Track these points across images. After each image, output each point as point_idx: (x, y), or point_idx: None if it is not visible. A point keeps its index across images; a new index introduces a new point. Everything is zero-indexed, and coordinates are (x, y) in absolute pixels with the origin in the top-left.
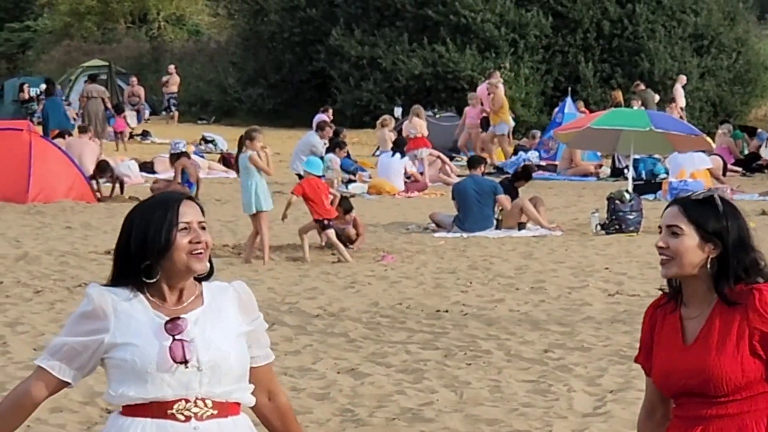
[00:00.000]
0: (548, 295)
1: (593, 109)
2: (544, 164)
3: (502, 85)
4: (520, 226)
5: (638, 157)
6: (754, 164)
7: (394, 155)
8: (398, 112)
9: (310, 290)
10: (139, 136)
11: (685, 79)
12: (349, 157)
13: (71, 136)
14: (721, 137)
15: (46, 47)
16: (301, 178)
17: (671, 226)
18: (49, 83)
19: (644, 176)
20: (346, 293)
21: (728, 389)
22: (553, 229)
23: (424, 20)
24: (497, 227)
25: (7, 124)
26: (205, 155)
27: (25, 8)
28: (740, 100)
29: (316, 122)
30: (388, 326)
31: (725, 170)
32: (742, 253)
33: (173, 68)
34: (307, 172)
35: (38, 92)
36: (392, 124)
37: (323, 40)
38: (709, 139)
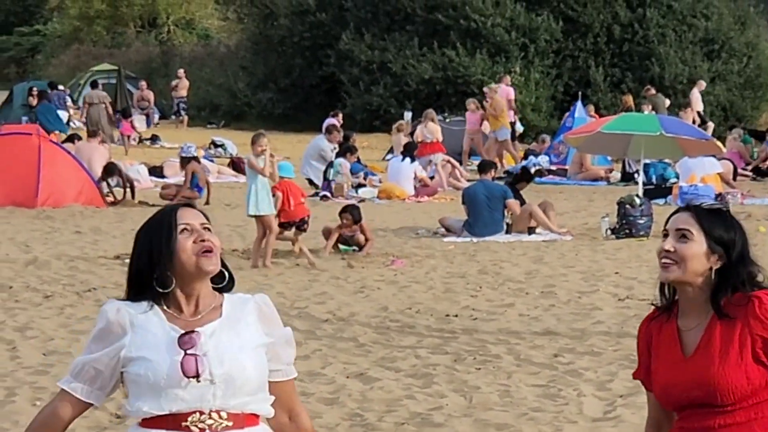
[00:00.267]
0: (558, 299)
1: (603, 113)
2: (554, 169)
3: (512, 87)
4: (530, 230)
5: (649, 161)
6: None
7: (404, 160)
8: (408, 116)
9: (319, 295)
10: (148, 140)
11: (704, 84)
12: (359, 161)
13: (80, 140)
14: (731, 142)
15: (55, 51)
16: (311, 182)
17: (682, 229)
18: (44, 90)
19: (654, 181)
20: (355, 298)
21: (735, 398)
22: (563, 233)
23: (434, 24)
24: (507, 232)
25: (16, 128)
26: (214, 159)
27: (34, 12)
28: (751, 104)
29: (325, 126)
30: (397, 331)
31: (735, 175)
32: (742, 266)
33: (182, 72)
34: (282, 177)
35: (67, 98)
36: (408, 128)
37: (333, 44)
38: (719, 143)
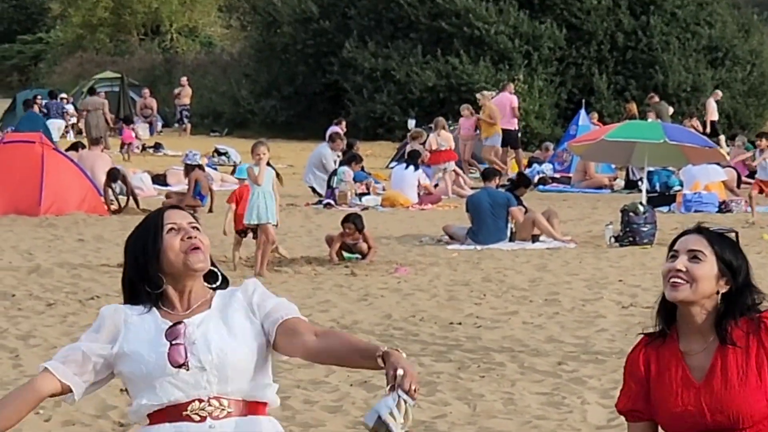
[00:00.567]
0: (562, 307)
1: (607, 121)
2: (558, 176)
3: (515, 95)
4: (533, 238)
5: (652, 169)
6: None
7: (407, 167)
8: (411, 124)
9: (323, 303)
10: (151, 148)
11: (720, 94)
12: (363, 170)
13: (84, 148)
14: (735, 149)
15: (58, 59)
16: (314, 191)
17: (695, 250)
18: (29, 99)
19: (658, 188)
20: (359, 306)
21: (753, 421)
22: (566, 241)
23: (437, 32)
24: (511, 239)
25: (19, 136)
26: (217, 167)
27: (37, 20)
28: (754, 112)
29: (328, 134)
30: (401, 338)
31: (740, 182)
32: (747, 291)
33: (186, 80)
34: (239, 179)
35: (64, 107)
36: (424, 137)
37: (336, 52)
38: (723, 151)
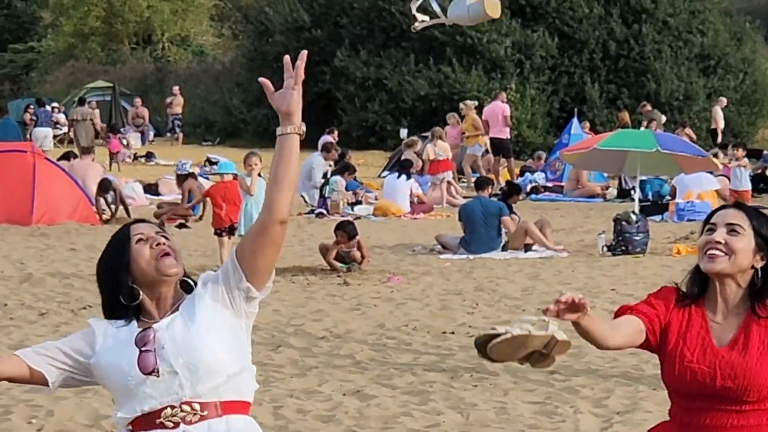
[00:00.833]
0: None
1: (600, 130)
2: (550, 185)
3: (507, 104)
4: (526, 247)
5: (645, 178)
6: (760, 185)
7: (399, 177)
8: (404, 133)
9: (315, 312)
10: (143, 157)
11: (725, 101)
12: (355, 179)
13: (76, 157)
14: (726, 158)
15: (49, 68)
16: (305, 200)
17: (733, 224)
18: (3, 106)
19: (651, 197)
20: (351, 315)
21: (760, 396)
22: (559, 250)
23: (429, 41)
24: (503, 249)
25: (10, 146)
26: (209, 177)
27: (29, 29)
28: (747, 120)
29: (321, 143)
30: (394, 348)
31: None
32: None
33: (177, 89)
34: (220, 174)
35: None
36: (418, 146)
37: (329, 60)
38: (716, 160)
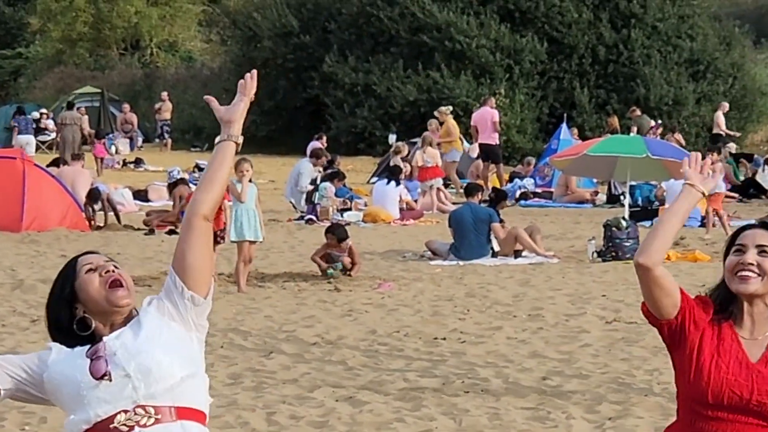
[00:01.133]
0: (546, 322)
1: (589, 135)
2: (539, 191)
3: (496, 109)
4: (516, 253)
5: (634, 183)
6: (750, 190)
7: (389, 183)
8: (392, 139)
9: (307, 318)
10: (132, 163)
11: (726, 106)
12: (344, 186)
13: (66, 164)
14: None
15: (38, 74)
16: (294, 206)
17: (763, 245)
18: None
19: (641, 203)
20: (343, 321)
21: None
22: (549, 256)
23: (418, 46)
24: (493, 255)
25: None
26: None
27: (16, 35)
28: (736, 125)
29: (310, 149)
30: (386, 354)
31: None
32: None
33: (166, 95)
34: None
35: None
36: (405, 151)
37: (317, 66)
38: None
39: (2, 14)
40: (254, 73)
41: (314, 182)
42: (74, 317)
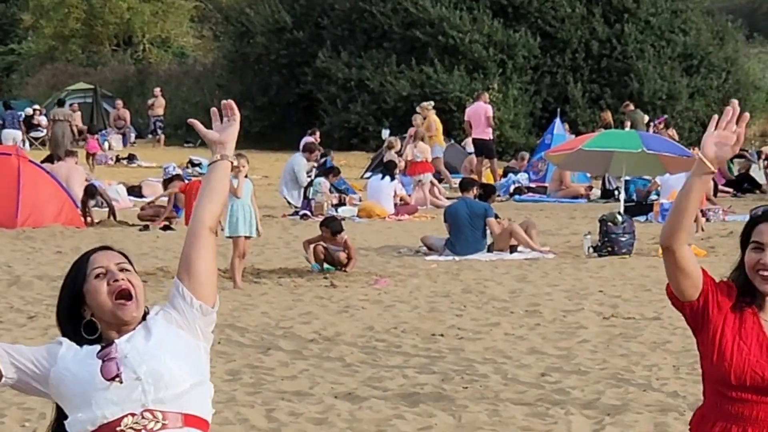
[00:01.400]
0: (543, 318)
1: (582, 130)
2: (533, 186)
3: (490, 104)
4: (512, 249)
5: (629, 178)
6: (744, 185)
7: (383, 178)
8: (386, 134)
9: (304, 315)
10: (125, 159)
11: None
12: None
13: (61, 160)
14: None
15: (30, 70)
16: (289, 202)
17: None
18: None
19: (635, 197)
20: (340, 317)
21: None
22: (545, 251)
23: (411, 41)
24: (489, 250)
25: None
26: (192, 179)
27: (9, 31)
28: None
29: (303, 144)
30: (384, 350)
31: (716, 191)
32: None
33: (159, 91)
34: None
35: (23, 116)
36: (398, 146)
37: (310, 62)
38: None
39: None
40: (232, 102)
41: (308, 176)
42: (82, 318)
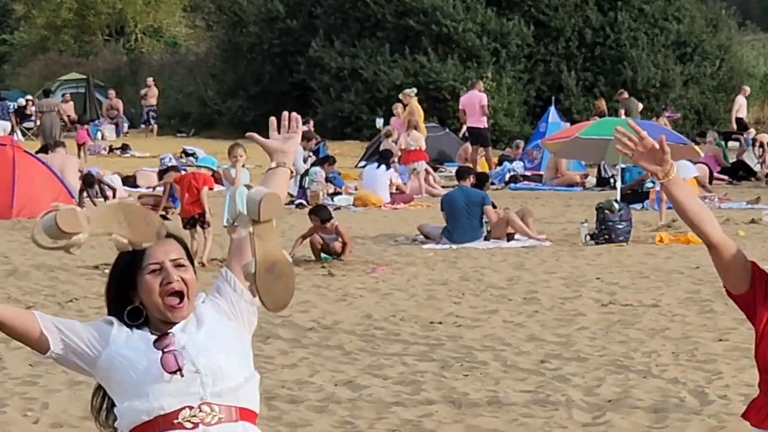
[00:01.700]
0: (541, 305)
1: (576, 118)
2: (529, 174)
3: (484, 93)
4: (509, 237)
5: (625, 166)
6: (740, 173)
7: (379, 167)
8: (380, 122)
9: (302, 303)
10: (118, 149)
11: (748, 90)
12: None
13: (56, 150)
14: (706, 145)
15: (23, 61)
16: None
17: None
18: None
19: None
20: (338, 306)
21: None
22: (542, 239)
23: (405, 30)
24: (486, 238)
25: None
26: (186, 168)
27: (1, 22)
28: (724, 107)
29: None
30: (383, 338)
31: (711, 179)
32: None
33: (152, 81)
34: (198, 167)
35: (15, 107)
36: (395, 134)
37: (303, 51)
38: (697, 147)
39: None
40: (298, 117)
41: (304, 162)
42: (129, 302)
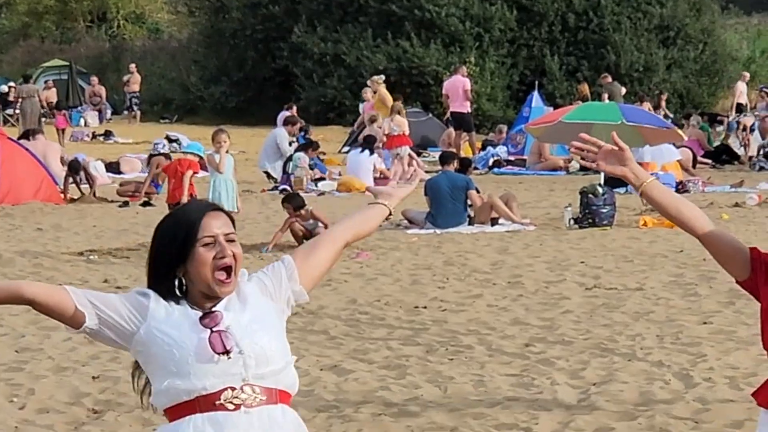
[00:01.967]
0: (526, 289)
1: (560, 102)
2: (512, 159)
3: (468, 78)
4: (493, 221)
5: None
6: (723, 156)
7: (362, 152)
8: (363, 108)
9: None
10: (101, 136)
11: (748, 75)
12: (317, 157)
13: (36, 136)
14: (690, 129)
15: (4, 48)
16: (269, 176)
17: None
18: None
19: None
20: (323, 291)
21: None
22: (526, 224)
23: (387, 15)
24: (470, 223)
25: None
26: (171, 155)
27: None
28: (707, 91)
29: (283, 118)
30: (367, 323)
31: (695, 162)
32: None
33: (134, 67)
34: (184, 153)
35: None
36: (380, 119)
37: (286, 37)
38: (680, 131)
39: None
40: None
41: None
42: (172, 275)
